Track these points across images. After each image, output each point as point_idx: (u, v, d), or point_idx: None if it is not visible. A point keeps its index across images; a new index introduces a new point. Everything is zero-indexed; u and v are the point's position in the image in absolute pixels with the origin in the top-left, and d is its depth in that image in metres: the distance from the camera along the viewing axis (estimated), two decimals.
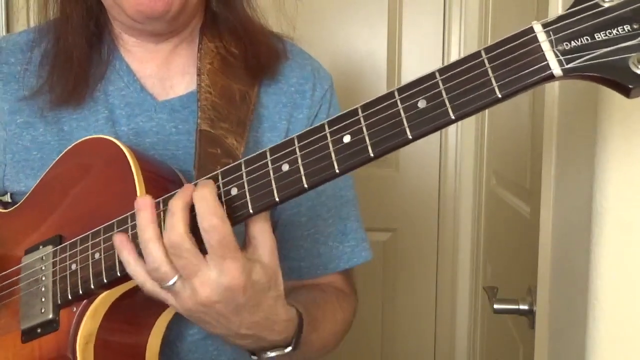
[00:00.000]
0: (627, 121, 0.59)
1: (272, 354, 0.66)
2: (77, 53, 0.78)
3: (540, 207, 0.85)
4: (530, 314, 1.01)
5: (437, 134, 2.13)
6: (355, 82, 2.05)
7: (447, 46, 2.08)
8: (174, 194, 0.59)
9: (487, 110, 1.89)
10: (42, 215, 0.74)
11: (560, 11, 0.75)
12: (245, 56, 0.81)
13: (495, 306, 1.06)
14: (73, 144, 0.74)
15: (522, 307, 1.02)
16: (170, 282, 0.58)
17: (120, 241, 0.60)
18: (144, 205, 0.58)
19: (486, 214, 1.88)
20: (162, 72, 0.82)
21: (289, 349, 0.66)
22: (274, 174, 0.56)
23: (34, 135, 0.80)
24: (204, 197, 0.56)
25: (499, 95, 0.48)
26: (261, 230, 0.60)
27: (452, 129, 2.10)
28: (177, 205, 0.57)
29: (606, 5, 0.46)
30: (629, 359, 0.62)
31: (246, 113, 0.78)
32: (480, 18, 1.98)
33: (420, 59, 2.10)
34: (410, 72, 2.11)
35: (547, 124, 0.82)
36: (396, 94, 0.52)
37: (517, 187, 1.35)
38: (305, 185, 0.55)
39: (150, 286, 0.60)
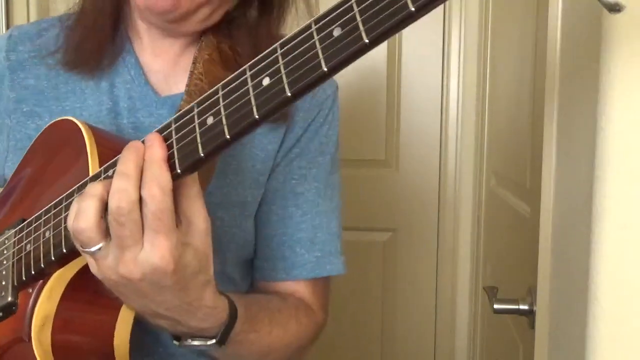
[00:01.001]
0: (626, 121, 0.59)
1: (194, 342, 0.63)
2: (100, 20, 0.78)
3: (540, 207, 0.85)
4: (530, 314, 1.01)
5: (437, 133, 2.13)
6: (354, 84, 2.05)
7: (447, 48, 2.08)
8: (121, 155, 0.55)
9: (487, 110, 1.89)
10: (13, 201, 0.74)
11: (560, 12, 0.76)
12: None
13: (495, 306, 1.06)
14: (42, 129, 0.74)
15: (522, 307, 1.02)
16: (94, 248, 0.53)
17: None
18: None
19: (486, 214, 1.88)
20: (169, 69, 0.82)
21: (213, 341, 0.63)
22: (199, 129, 0.52)
23: (39, 124, 0.80)
24: (153, 160, 0.52)
25: (412, 9, 0.43)
26: (196, 210, 0.55)
27: (452, 129, 2.10)
28: (130, 168, 0.52)
29: None
30: (629, 358, 0.62)
31: None
32: (480, 20, 1.98)
33: (420, 61, 2.10)
34: (411, 74, 2.11)
35: (547, 124, 0.82)
36: (312, 24, 0.48)
37: (517, 187, 1.35)
38: (228, 137, 0.51)
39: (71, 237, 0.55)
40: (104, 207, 0.53)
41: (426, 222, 2.15)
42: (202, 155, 0.52)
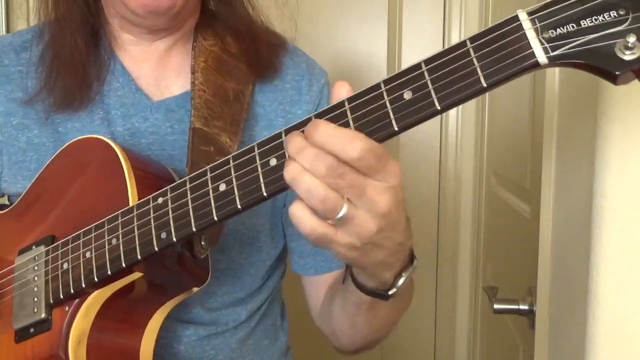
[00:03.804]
0: (626, 121, 0.59)
1: (404, 277, 0.62)
2: (76, 54, 0.78)
3: (540, 207, 0.85)
4: (530, 314, 1.01)
5: (437, 133, 2.13)
6: (355, 83, 2.05)
7: (447, 46, 2.08)
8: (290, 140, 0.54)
9: (487, 110, 1.89)
10: (36, 216, 0.74)
11: None
12: (247, 54, 0.81)
13: (495, 306, 1.06)
14: (66, 144, 0.74)
15: (522, 307, 1.02)
16: (343, 210, 0.51)
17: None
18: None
19: (486, 214, 1.88)
20: (158, 71, 0.82)
21: (415, 262, 0.63)
22: (262, 169, 0.55)
23: (29, 137, 0.79)
24: (328, 133, 0.51)
25: (484, 85, 0.48)
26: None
27: (452, 129, 2.10)
28: (299, 142, 0.52)
29: None
30: (629, 359, 0.62)
31: (240, 112, 0.78)
32: (480, 18, 1.98)
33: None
34: None
35: (547, 124, 0.82)
36: (382, 85, 0.52)
37: (517, 187, 1.35)
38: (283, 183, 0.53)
39: (322, 230, 0.53)
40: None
41: (426, 222, 2.15)
42: (265, 195, 0.55)
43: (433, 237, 2.16)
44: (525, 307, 1.02)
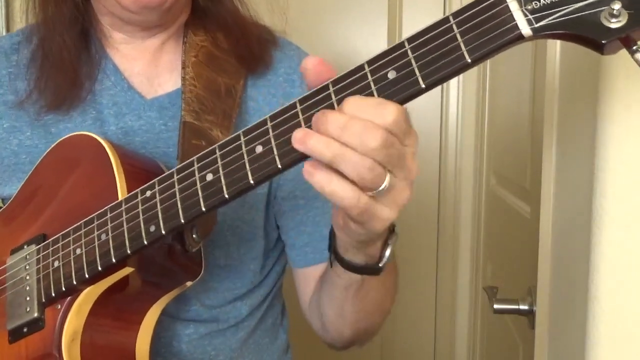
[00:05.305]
0: (627, 121, 0.59)
1: (390, 244, 0.64)
2: (66, 54, 0.77)
3: (540, 207, 0.85)
4: (530, 314, 1.01)
5: (437, 133, 2.14)
6: None
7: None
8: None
9: (487, 110, 1.89)
10: (28, 215, 0.74)
11: None
12: (237, 49, 0.81)
13: (495, 306, 1.06)
14: (55, 143, 0.73)
15: (522, 307, 1.02)
16: (386, 181, 0.51)
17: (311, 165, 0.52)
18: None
19: (486, 214, 1.88)
20: (150, 69, 0.82)
21: (396, 229, 0.64)
22: (247, 157, 0.54)
23: (21, 139, 0.79)
24: (359, 103, 0.49)
25: (469, 60, 0.47)
26: None
27: (452, 129, 2.10)
28: (338, 119, 0.49)
29: None
30: (629, 358, 0.62)
31: (232, 106, 0.78)
32: None
33: None
34: None
35: (547, 123, 0.82)
36: (366, 66, 0.51)
37: (517, 187, 1.35)
38: (280, 166, 0.53)
39: (364, 201, 0.52)
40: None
41: (426, 222, 2.15)
42: (252, 182, 0.54)
43: (433, 237, 2.16)
44: (525, 307, 1.02)
